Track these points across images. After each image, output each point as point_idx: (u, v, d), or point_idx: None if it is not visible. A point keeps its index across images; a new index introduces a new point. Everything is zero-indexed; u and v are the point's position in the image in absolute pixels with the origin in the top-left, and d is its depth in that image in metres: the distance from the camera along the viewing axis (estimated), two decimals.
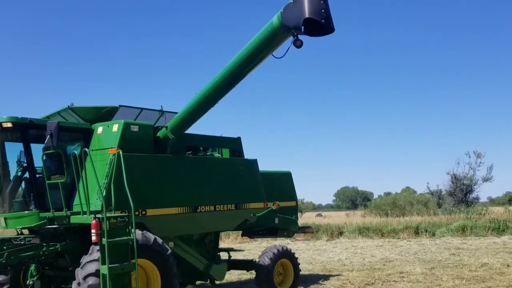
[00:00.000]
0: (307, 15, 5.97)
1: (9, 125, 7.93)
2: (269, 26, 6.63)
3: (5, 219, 8.40)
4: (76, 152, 7.43)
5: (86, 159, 7.62)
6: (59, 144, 8.39)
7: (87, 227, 7.10)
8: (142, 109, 9.38)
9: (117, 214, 7.23)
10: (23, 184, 8.59)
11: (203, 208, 9.19)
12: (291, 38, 6.50)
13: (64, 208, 7.77)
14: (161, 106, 9.69)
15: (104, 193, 7.61)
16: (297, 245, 23.01)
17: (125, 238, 7.04)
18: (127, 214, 7.31)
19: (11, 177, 8.59)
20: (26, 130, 8.13)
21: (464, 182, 39.01)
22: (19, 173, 8.58)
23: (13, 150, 8.60)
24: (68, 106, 8.94)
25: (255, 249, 20.06)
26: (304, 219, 38.76)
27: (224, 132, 10.60)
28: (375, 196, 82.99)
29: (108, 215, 7.04)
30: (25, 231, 8.79)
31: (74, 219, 7.64)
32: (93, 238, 6.85)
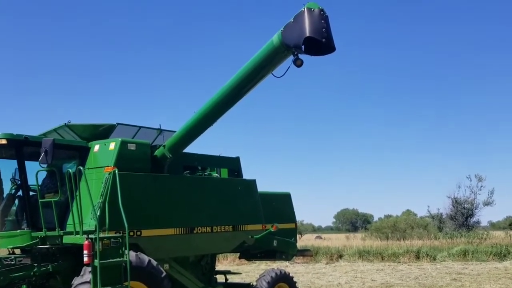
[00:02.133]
0: (307, 34, 5.90)
1: (4, 142, 7.80)
2: (269, 45, 6.55)
3: None
4: (70, 170, 7.28)
5: (81, 178, 7.46)
6: (54, 162, 8.28)
7: (80, 247, 6.90)
8: (140, 127, 9.26)
9: (110, 235, 7.05)
10: (16, 202, 8.41)
11: (199, 229, 8.98)
12: (291, 57, 6.41)
13: (57, 227, 7.58)
14: (160, 125, 9.59)
15: (98, 213, 7.44)
16: (296, 268, 22.66)
17: (118, 259, 6.85)
18: (121, 234, 7.12)
19: (4, 195, 8.41)
20: (21, 147, 7.99)
21: (465, 206, 38.69)
22: (13, 191, 8.41)
23: (7, 167, 8.45)
24: (65, 124, 8.82)
25: (253, 271, 19.74)
26: (304, 241, 38.41)
27: (223, 152, 10.47)
28: (375, 218, 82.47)
29: (101, 235, 6.85)
30: (17, 251, 8.57)
31: (67, 239, 7.45)
32: (85, 259, 6.66)
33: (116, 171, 7.69)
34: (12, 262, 7.72)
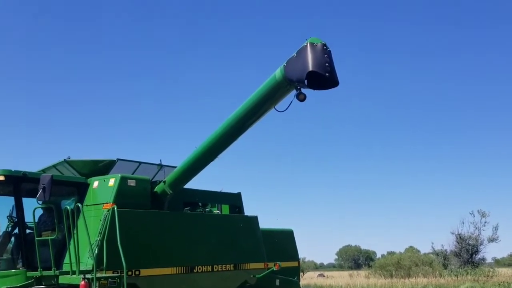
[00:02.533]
0: (310, 69, 5.87)
1: (2, 178, 7.66)
2: (271, 79, 6.52)
3: None
4: (68, 208, 7.11)
5: (79, 215, 7.29)
6: (52, 198, 8.12)
7: None
8: (140, 163, 9.15)
9: (108, 275, 6.81)
10: (12, 240, 8.20)
11: (200, 268, 8.72)
12: (294, 92, 6.37)
13: (53, 267, 7.34)
14: (160, 160, 9.47)
15: (96, 252, 7.23)
16: None
17: None
18: (119, 274, 6.88)
19: (1, 233, 8.21)
20: (19, 184, 7.85)
21: (470, 242, 38.07)
22: (9, 229, 8.21)
23: (4, 204, 8.28)
24: (64, 160, 8.72)
25: None
26: (306, 279, 37.59)
27: (225, 188, 10.31)
28: (378, 255, 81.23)
29: (98, 275, 6.62)
30: None
31: (63, 279, 7.20)
32: None
33: (115, 208, 7.52)
34: None
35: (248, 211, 10.32)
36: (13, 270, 7.72)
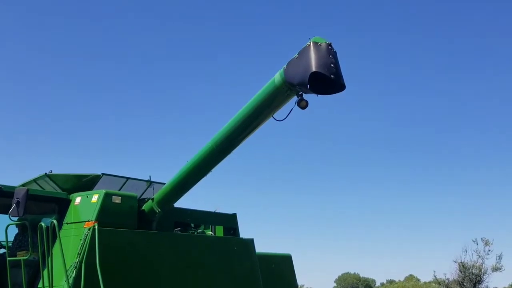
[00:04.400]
0: (314, 69, 5.26)
1: None
2: (270, 84, 5.90)
3: None
4: (43, 225, 6.43)
5: (55, 233, 6.62)
6: (29, 216, 7.47)
7: None
8: (127, 178, 8.50)
9: None
10: None
11: None
12: (294, 98, 5.76)
13: None
14: (149, 176, 8.82)
15: (73, 275, 6.54)
16: None
17: None
18: None
19: None
20: None
21: (473, 271, 37.07)
22: None
23: None
24: (46, 173, 8.08)
25: None
26: None
27: (220, 208, 9.63)
28: (378, 283, 79.57)
29: None
30: None
31: None
32: None
33: (96, 226, 6.86)
34: None
35: (244, 233, 9.64)
36: None
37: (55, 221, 6.44)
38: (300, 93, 5.62)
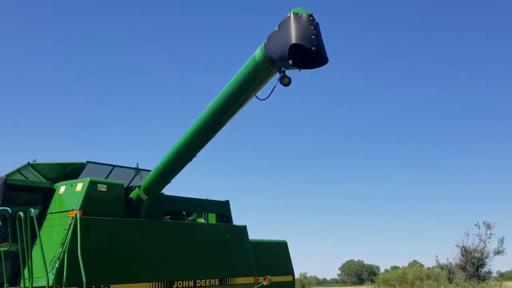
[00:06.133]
0: (293, 41, 4.97)
1: None
2: (251, 61, 5.61)
3: None
4: (21, 214, 6.21)
5: (37, 223, 6.40)
6: (14, 207, 7.26)
7: None
8: (113, 166, 8.26)
9: None
10: None
11: (180, 284, 7.79)
12: (277, 75, 5.48)
13: (5, 283, 6.43)
14: (137, 164, 8.59)
15: (57, 265, 6.34)
16: None
17: None
18: None
19: None
20: None
21: (475, 255, 36.90)
22: None
23: None
24: (29, 163, 7.84)
25: None
26: None
27: (217, 197, 9.39)
28: (382, 270, 79.63)
29: None
30: None
31: None
32: None
33: (78, 215, 6.63)
34: None
35: (242, 221, 9.41)
36: None
37: (32, 210, 6.21)
38: (282, 69, 5.34)
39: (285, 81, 5.28)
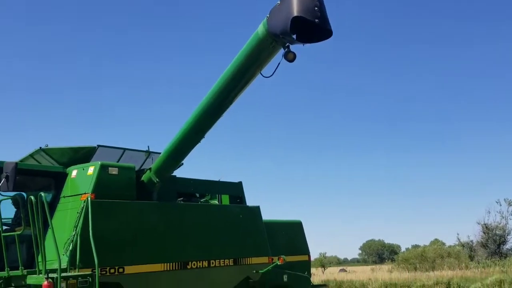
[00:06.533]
0: (295, 14, 4.82)
1: None
2: (254, 37, 5.49)
3: None
4: (32, 198, 6.27)
5: (49, 207, 6.48)
6: (30, 192, 7.34)
7: None
8: (124, 149, 8.27)
9: (76, 273, 5.95)
10: None
11: (194, 264, 7.83)
12: (282, 51, 5.35)
13: (20, 266, 6.53)
14: (148, 147, 8.58)
15: (70, 248, 6.42)
16: None
17: None
18: (90, 273, 6.04)
19: None
20: None
21: (497, 232, 36.51)
22: None
23: None
24: (40, 148, 7.89)
25: None
26: (326, 274, 36.55)
27: (238, 179, 9.34)
28: (403, 249, 79.33)
29: (65, 274, 5.77)
30: None
31: (30, 280, 6.37)
32: None
33: (89, 198, 6.68)
34: None
35: (261, 203, 9.38)
36: None
37: (43, 194, 6.26)
38: (286, 44, 5.21)
39: (290, 57, 5.16)
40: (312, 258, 11.22)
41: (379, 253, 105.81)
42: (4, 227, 7.31)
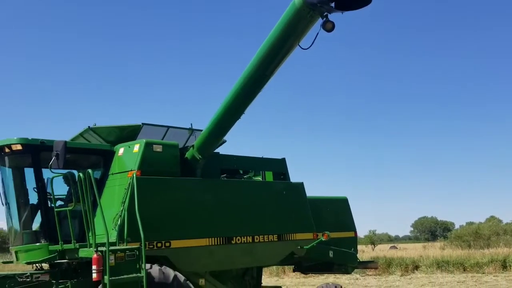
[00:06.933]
0: None
1: (19, 147, 7.23)
2: (291, 8, 5.35)
3: (16, 252, 7.65)
4: (81, 175, 6.50)
5: (96, 184, 6.71)
6: (77, 168, 7.64)
7: None
8: (168, 127, 8.40)
9: (124, 247, 6.16)
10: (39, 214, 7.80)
11: (238, 240, 7.93)
12: (319, 21, 5.20)
13: (73, 240, 6.83)
14: (191, 124, 8.67)
15: (119, 222, 6.66)
16: (367, 281, 20.98)
17: (133, 275, 5.91)
18: (138, 246, 6.23)
19: (28, 206, 7.83)
20: (37, 153, 7.36)
21: None
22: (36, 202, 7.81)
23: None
24: (89, 127, 8.15)
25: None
26: (376, 251, 36.25)
27: (287, 156, 9.31)
28: (457, 226, 77.32)
29: (113, 248, 5.99)
30: (46, 266, 7.95)
31: (82, 253, 6.66)
32: (94, 275, 5.81)
33: (134, 175, 6.86)
34: (28, 280, 7.04)
35: (313, 181, 9.34)
36: (37, 244, 7.32)
37: (90, 171, 6.48)
38: (324, 13, 5.05)
39: (328, 27, 5.00)
40: (361, 235, 11.14)
41: (431, 230, 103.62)
42: (59, 203, 7.69)
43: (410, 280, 21.05)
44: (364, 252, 33.90)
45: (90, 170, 6.45)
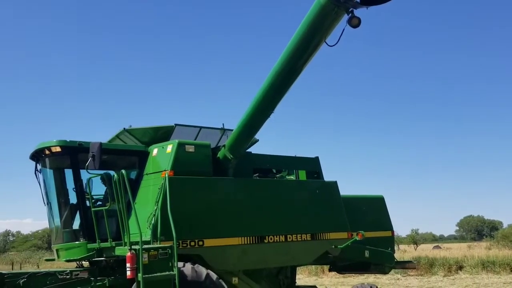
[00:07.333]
0: None
1: (58, 149, 7.52)
2: (316, 5, 5.31)
3: (57, 250, 7.96)
4: (115, 175, 6.68)
5: (129, 184, 6.87)
6: (113, 169, 7.86)
7: None
8: (200, 127, 8.52)
9: (157, 245, 6.29)
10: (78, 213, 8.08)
11: (271, 239, 7.95)
12: (345, 17, 5.14)
13: (109, 238, 7.04)
14: (223, 124, 8.76)
15: (153, 222, 6.80)
16: (408, 281, 20.55)
17: (166, 273, 6.03)
18: (171, 245, 6.35)
19: (68, 206, 8.12)
20: (75, 154, 7.63)
21: None
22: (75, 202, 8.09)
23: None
24: (124, 128, 8.37)
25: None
26: (419, 251, 35.42)
27: (321, 155, 9.27)
28: (505, 225, 74.47)
29: (147, 246, 6.12)
30: (86, 264, 8.23)
31: (118, 251, 6.85)
32: (128, 273, 5.96)
33: (167, 175, 6.99)
34: (68, 277, 7.30)
35: (347, 179, 9.28)
36: (76, 242, 7.58)
37: (124, 172, 6.64)
38: (349, 9, 4.99)
39: (354, 22, 4.95)
40: (403, 235, 10.91)
41: (478, 229, 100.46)
42: (99, 203, 7.94)
43: (453, 280, 20.48)
44: (406, 252, 33.19)
45: (124, 171, 6.61)
